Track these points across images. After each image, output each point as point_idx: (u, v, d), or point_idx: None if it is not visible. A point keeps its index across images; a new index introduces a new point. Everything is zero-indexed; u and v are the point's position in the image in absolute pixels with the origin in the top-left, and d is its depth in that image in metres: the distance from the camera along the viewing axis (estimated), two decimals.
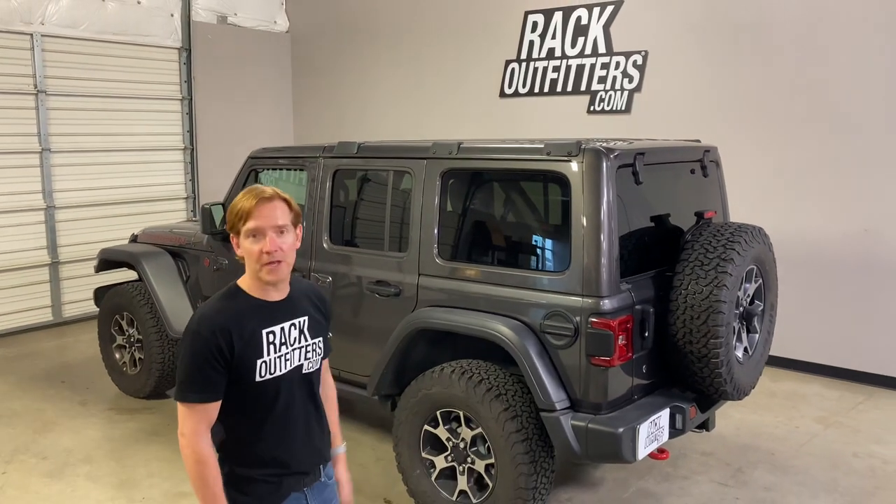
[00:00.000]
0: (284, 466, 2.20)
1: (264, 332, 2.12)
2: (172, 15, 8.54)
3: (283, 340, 2.15)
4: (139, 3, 8.19)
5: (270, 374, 2.13)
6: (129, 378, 5.70)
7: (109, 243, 6.56)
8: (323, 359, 2.37)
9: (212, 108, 8.92)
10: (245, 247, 2.11)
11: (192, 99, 8.76)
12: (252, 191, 2.14)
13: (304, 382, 2.22)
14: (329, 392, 2.50)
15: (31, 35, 7.34)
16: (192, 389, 2.07)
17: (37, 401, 5.69)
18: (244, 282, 2.19)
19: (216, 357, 2.05)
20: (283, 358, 2.15)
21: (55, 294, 7.80)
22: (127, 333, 5.67)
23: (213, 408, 2.10)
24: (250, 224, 2.09)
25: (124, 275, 6.29)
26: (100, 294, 5.95)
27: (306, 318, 2.23)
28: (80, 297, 7.92)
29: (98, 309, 5.96)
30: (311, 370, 2.24)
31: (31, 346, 7.19)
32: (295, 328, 2.19)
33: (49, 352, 7.02)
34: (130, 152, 8.27)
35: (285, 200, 2.15)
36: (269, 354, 2.12)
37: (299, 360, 2.20)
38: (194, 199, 8.91)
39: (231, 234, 2.16)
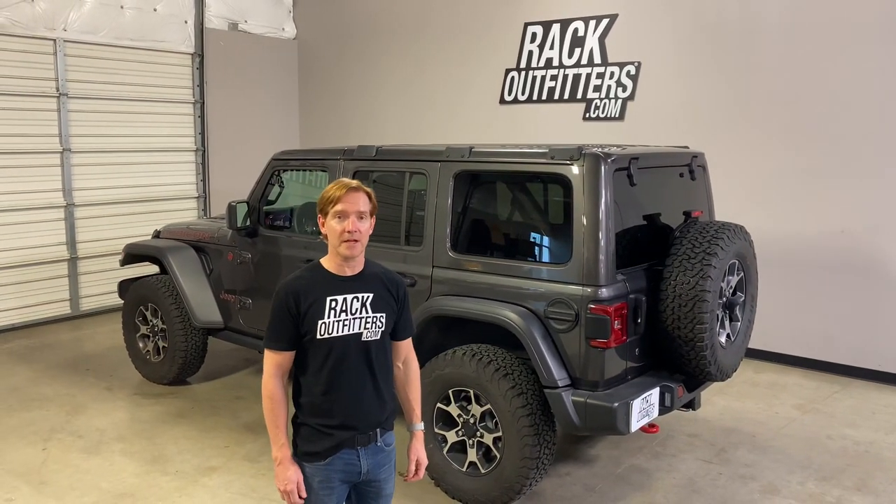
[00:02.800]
0: (334, 417, 2.57)
1: (328, 299, 2.53)
2: (186, 22, 8.90)
3: (343, 308, 2.55)
4: (155, 10, 8.55)
5: (329, 334, 2.53)
6: (153, 365, 6.05)
7: (125, 240, 6.92)
8: (404, 338, 2.75)
9: (222, 111, 9.28)
10: (330, 226, 2.53)
11: (203, 102, 9.12)
12: (341, 182, 2.57)
13: (362, 348, 2.58)
14: (411, 373, 2.80)
15: (55, 41, 7.69)
16: (269, 338, 2.57)
17: (65, 386, 6.04)
18: (325, 259, 2.62)
19: (287, 314, 2.52)
20: (341, 322, 2.54)
21: (73, 288, 8.14)
22: (151, 323, 6.01)
23: (286, 356, 2.56)
24: (338, 207, 2.51)
25: (144, 269, 6.65)
26: (124, 286, 6.28)
27: (372, 294, 2.60)
28: (96, 292, 8.28)
29: (121, 301, 6.30)
30: (371, 339, 2.59)
31: (51, 337, 7.52)
32: (358, 300, 2.57)
33: (69, 342, 7.35)
34: (145, 153, 8.63)
35: (367, 193, 2.57)
36: (328, 317, 2.53)
37: (359, 329, 2.58)
38: (205, 198, 9.26)
39: (319, 216, 2.59)
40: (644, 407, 3.85)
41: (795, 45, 6.43)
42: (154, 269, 6.36)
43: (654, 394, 3.94)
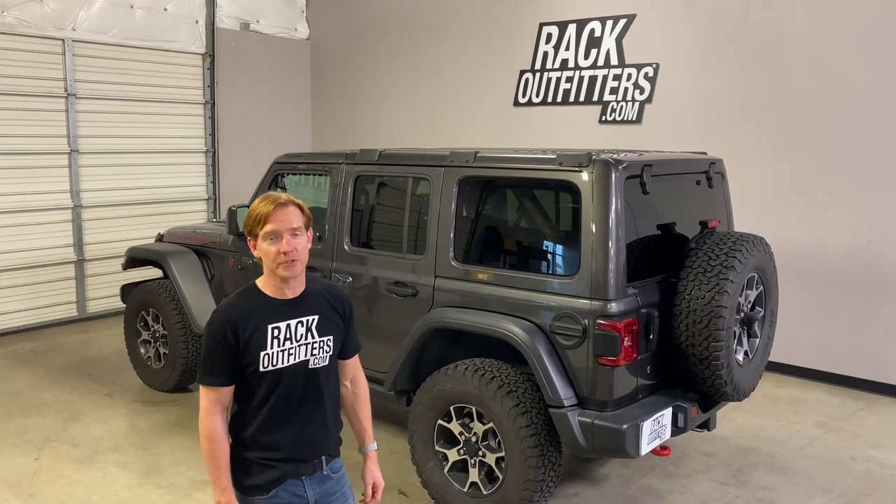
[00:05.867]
0: (279, 451, 2.37)
1: (269, 327, 2.32)
2: (197, 22, 8.80)
3: (287, 336, 2.34)
4: (166, 10, 8.46)
5: (273, 365, 2.32)
6: (154, 372, 5.93)
7: (133, 242, 6.81)
8: (351, 356, 2.56)
9: (233, 112, 9.18)
10: (263, 248, 2.32)
11: (214, 103, 9.01)
12: (268, 197, 2.34)
13: (310, 376, 2.39)
14: (360, 391, 2.63)
15: (63, 40, 7.62)
16: (205, 372, 2.35)
17: (65, 392, 5.93)
18: (261, 281, 2.41)
19: (224, 346, 2.30)
20: (286, 352, 2.34)
21: (80, 290, 8.06)
22: (152, 329, 5.89)
23: (224, 392, 2.35)
24: (268, 227, 2.29)
25: (149, 272, 6.54)
26: (126, 291, 6.17)
27: (317, 317, 2.40)
28: (103, 294, 8.19)
29: (124, 305, 6.19)
30: (319, 365, 2.40)
31: (56, 340, 7.45)
32: (302, 325, 2.37)
33: (74, 346, 7.27)
34: (155, 154, 8.53)
35: (298, 206, 2.36)
36: (272, 348, 2.32)
37: (305, 356, 2.38)
38: (215, 200, 9.16)
39: (248, 238, 2.37)
40: (655, 428, 3.65)
41: (819, 47, 6.17)
42: (158, 273, 6.24)
43: (667, 414, 3.72)
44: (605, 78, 7.46)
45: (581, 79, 7.63)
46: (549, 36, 7.83)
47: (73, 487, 4.37)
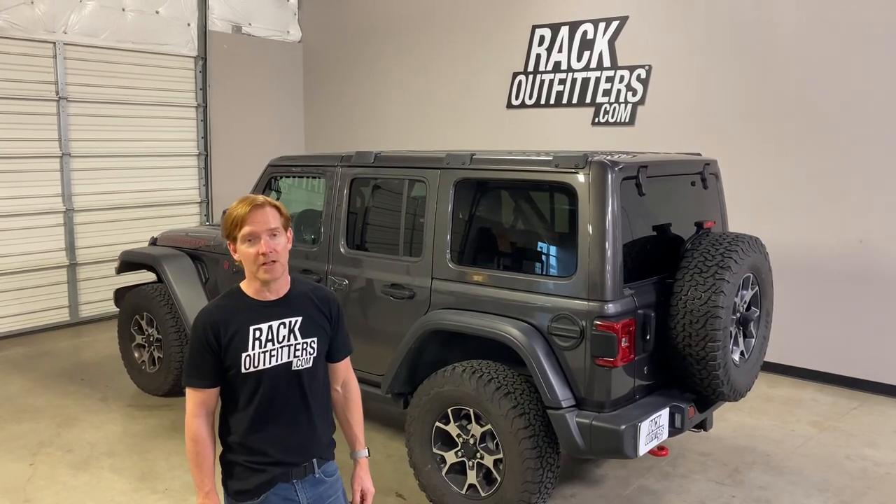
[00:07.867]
0: (266, 455, 2.35)
1: (251, 328, 2.31)
2: (189, 24, 8.78)
3: (269, 337, 2.33)
4: (157, 13, 8.43)
5: (255, 367, 2.31)
6: (148, 376, 5.89)
7: (125, 246, 6.78)
8: (341, 359, 2.54)
9: (226, 115, 9.15)
10: (242, 251, 2.30)
11: (206, 106, 8.99)
12: (244, 200, 2.33)
13: (294, 378, 2.37)
14: (352, 396, 2.61)
15: (54, 43, 7.58)
16: (189, 374, 2.35)
17: (58, 397, 5.89)
18: (244, 283, 2.39)
19: (206, 348, 2.31)
20: (268, 353, 2.32)
21: (72, 295, 8.01)
22: (146, 333, 5.86)
23: (209, 394, 2.34)
24: (245, 230, 2.27)
25: (142, 276, 6.51)
26: (120, 295, 6.13)
27: (300, 318, 2.39)
28: (96, 298, 8.15)
29: (118, 309, 6.15)
30: (302, 367, 2.38)
31: (49, 345, 7.40)
32: (285, 327, 2.35)
33: (67, 351, 7.22)
34: (147, 157, 8.50)
35: (275, 206, 2.35)
36: (253, 349, 2.31)
37: (288, 357, 2.36)
38: (208, 203, 9.13)
39: (227, 242, 2.36)
40: (653, 429, 3.65)
41: (812, 47, 6.20)
42: (152, 276, 6.21)
43: (664, 415, 3.73)
44: (597, 80, 7.48)
45: (574, 81, 7.65)
46: (542, 38, 7.85)
47: (67, 493, 4.34)
